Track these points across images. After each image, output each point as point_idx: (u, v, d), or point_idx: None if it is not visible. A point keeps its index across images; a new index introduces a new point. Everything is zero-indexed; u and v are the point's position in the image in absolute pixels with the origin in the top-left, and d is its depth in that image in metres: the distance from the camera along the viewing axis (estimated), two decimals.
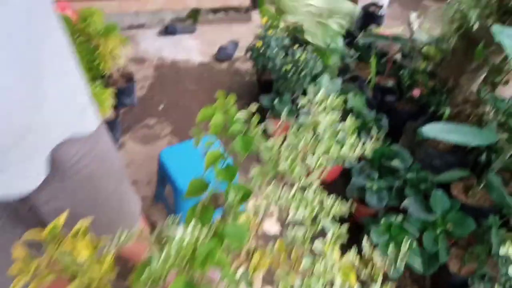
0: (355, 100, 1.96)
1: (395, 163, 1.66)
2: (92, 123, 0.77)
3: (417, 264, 1.40)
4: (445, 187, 1.70)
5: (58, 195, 0.76)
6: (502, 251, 0.78)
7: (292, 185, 0.55)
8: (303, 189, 0.55)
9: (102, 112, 1.84)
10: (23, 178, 0.66)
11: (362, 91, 2.15)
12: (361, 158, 1.86)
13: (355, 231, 1.74)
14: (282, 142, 0.59)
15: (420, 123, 1.72)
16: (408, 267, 1.45)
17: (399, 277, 1.43)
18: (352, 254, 0.57)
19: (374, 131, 1.86)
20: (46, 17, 0.60)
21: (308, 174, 0.57)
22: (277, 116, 2.10)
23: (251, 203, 0.59)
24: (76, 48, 1.90)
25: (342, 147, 0.60)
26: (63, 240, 0.45)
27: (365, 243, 0.64)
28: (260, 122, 0.61)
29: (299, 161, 0.58)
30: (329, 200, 0.55)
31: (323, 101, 0.67)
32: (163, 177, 1.67)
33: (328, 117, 0.63)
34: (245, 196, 0.59)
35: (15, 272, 0.40)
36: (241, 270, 0.57)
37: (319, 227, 0.54)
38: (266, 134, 0.58)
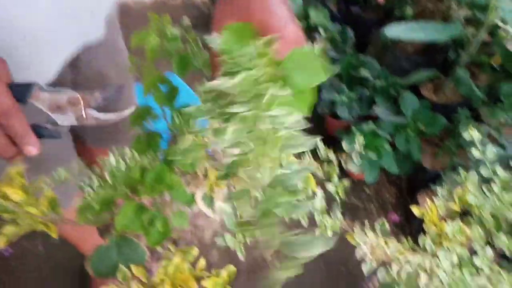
0: (317, 15, 1.88)
1: (363, 72, 1.65)
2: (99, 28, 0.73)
3: (392, 166, 1.45)
4: (415, 89, 1.70)
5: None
6: (466, 135, 0.79)
7: None
8: None
9: None
10: None
11: (324, 5, 2.06)
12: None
13: (330, 146, 1.77)
14: None
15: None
16: (384, 171, 1.50)
17: (376, 181, 1.49)
18: (306, 159, 0.57)
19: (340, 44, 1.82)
20: None
21: None
22: None
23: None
24: None
25: None
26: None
27: (321, 146, 0.65)
28: None
29: None
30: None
31: None
32: None
33: None
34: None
35: None
36: (199, 191, 0.57)
37: None
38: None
